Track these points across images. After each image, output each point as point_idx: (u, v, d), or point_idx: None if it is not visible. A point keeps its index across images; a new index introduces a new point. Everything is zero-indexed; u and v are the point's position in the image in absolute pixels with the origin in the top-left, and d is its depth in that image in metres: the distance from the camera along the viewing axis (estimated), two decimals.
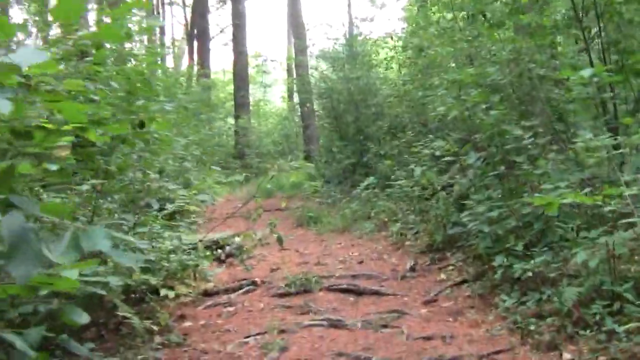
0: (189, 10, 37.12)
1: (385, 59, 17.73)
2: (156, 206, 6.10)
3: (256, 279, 8.06)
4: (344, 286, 7.40)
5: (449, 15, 11.84)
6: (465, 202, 8.54)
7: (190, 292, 7.34)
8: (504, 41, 8.35)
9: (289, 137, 30.80)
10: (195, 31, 33.96)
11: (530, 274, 5.70)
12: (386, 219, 10.97)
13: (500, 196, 6.67)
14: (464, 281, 7.02)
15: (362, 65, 16.11)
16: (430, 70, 12.08)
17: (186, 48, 39.14)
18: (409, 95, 13.14)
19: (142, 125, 5.70)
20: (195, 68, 32.20)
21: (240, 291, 7.75)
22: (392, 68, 17.33)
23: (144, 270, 6.93)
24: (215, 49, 56.11)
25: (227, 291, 7.80)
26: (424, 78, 13.00)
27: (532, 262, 5.67)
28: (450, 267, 7.62)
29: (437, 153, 7.61)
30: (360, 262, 8.83)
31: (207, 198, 8.15)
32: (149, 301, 6.86)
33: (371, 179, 12.66)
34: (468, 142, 7.58)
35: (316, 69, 19.69)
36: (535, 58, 7.74)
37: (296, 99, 28.31)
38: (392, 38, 16.86)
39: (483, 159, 7.18)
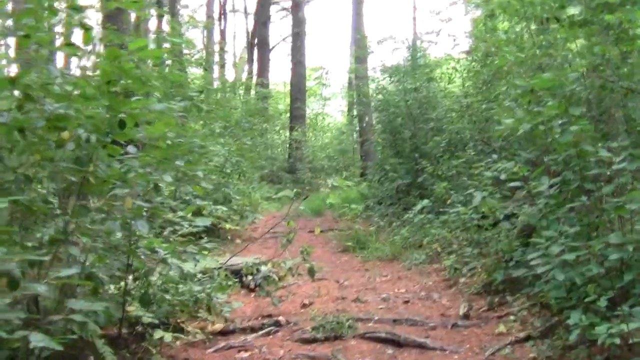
0: (251, 19, 36.39)
1: (447, 71, 16.41)
2: (145, 229, 4.91)
3: (280, 318, 6.83)
4: (383, 334, 6.10)
5: (518, 28, 10.51)
6: (531, 236, 7.28)
7: (197, 333, 6.15)
8: (583, 47, 6.99)
9: (346, 152, 29.59)
10: (256, 40, 33.22)
11: (617, 340, 4.35)
12: (439, 249, 9.65)
13: (577, 234, 5.32)
14: (528, 337, 5.64)
15: (422, 76, 14.77)
16: (496, 81, 10.74)
17: (246, 57, 38.36)
18: (471, 109, 11.80)
19: (122, 125, 4.58)
20: (255, 78, 31.41)
21: (261, 332, 6.54)
22: (454, 82, 16.00)
23: (143, 302, 5.83)
24: (278, 61, 55.61)
25: (244, 331, 6.62)
26: (489, 90, 11.68)
27: (621, 325, 4.33)
28: (512, 317, 6.22)
29: (502, 176, 6.24)
30: (406, 302, 7.52)
31: (206, 222, 6.81)
32: (149, 340, 5.75)
33: (425, 202, 11.36)
34: (539, 164, 6.23)
35: (374, 80, 18.43)
36: (620, 68, 6.38)
37: (355, 113, 27.06)
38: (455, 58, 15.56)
39: (557, 185, 5.84)
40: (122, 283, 5.62)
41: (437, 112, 13.65)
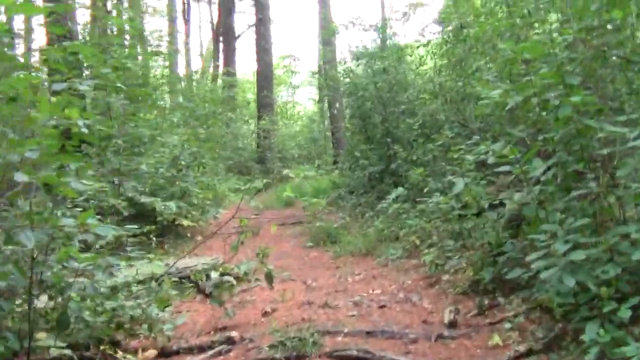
0: (216, 9, 35.10)
1: (417, 53, 15.50)
2: (30, 242, 3.88)
3: (234, 334, 5.80)
4: (354, 352, 5.07)
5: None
6: (520, 227, 6.42)
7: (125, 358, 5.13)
8: (573, 13, 6.07)
9: (317, 140, 28.64)
10: (221, 30, 32.07)
11: None
12: (418, 242, 8.73)
13: (584, 227, 4.41)
14: (530, 351, 4.66)
15: (391, 56, 13.79)
16: (471, 56, 9.82)
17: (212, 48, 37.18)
18: (445, 88, 10.87)
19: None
20: (221, 68, 30.33)
21: (210, 352, 5.50)
22: (425, 63, 15.07)
23: (60, 325, 4.82)
24: (246, 50, 54.33)
25: (190, 351, 5.59)
26: (463, 67, 10.76)
27: None
28: (507, 325, 5.26)
29: (490, 160, 5.28)
30: (382, 307, 6.53)
31: (107, 231, 5.74)
32: None
33: (400, 190, 10.43)
34: (530, 145, 5.31)
35: (342, 63, 17.46)
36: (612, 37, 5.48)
37: (324, 98, 26.09)
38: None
39: (552, 169, 4.92)
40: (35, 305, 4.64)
41: (409, 93, 12.70)
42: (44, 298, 4.78)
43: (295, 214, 15.46)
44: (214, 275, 7.00)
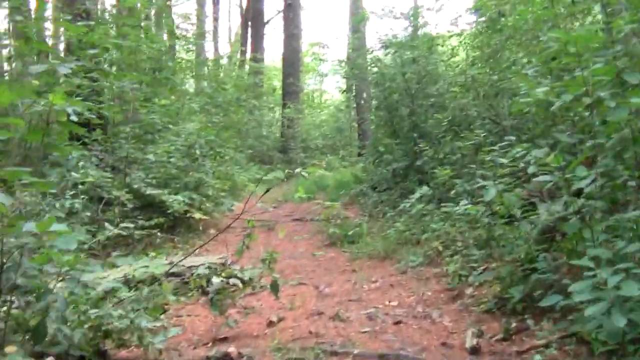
0: None
1: (449, 44, 14.76)
2: None
3: (231, 350, 5.19)
4: None
5: None
6: (554, 239, 5.77)
7: None
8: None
9: (342, 130, 27.94)
10: (250, 14, 31.42)
11: None
12: (440, 248, 8.06)
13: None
14: None
15: (422, 45, 13.05)
16: (508, 47, 9.13)
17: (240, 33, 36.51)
18: (477, 82, 10.17)
19: None
20: (248, 54, 29.77)
21: None
22: (457, 54, 14.33)
23: (36, 336, 4.25)
24: (275, 37, 53.62)
25: None
26: (498, 60, 10.06)
27: None
28: (537, 356, 4.61)
29: (531, 169, 4.58)
30: (397, 323, 5.89)
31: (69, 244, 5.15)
32: None
33: (425, 190, 9.77)
34: (576, 150, 4.64)
35: (371, 52, 16.77)
36: None
37: (351, 88, 25.37)
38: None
39: (599, 179, 4.25)
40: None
41: (439, 86, 11.98)
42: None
43: (315, 208, 14.86)
44: (216, 280, 6.34)
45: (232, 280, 6.76)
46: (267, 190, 6.64)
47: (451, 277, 6.84)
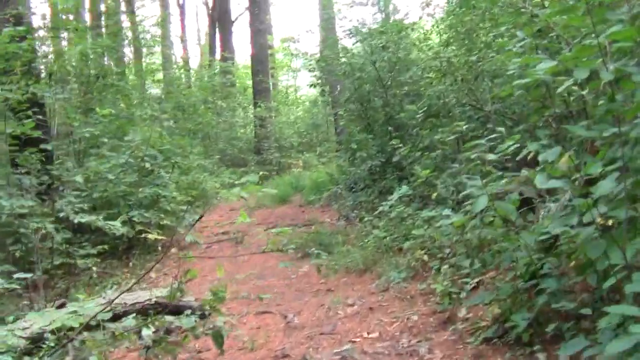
0: None
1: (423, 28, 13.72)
2: None
3: None
4: None
5: None
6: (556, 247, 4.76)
7: None
8: None
9: (318, 126, 26.78)
10: (217, 13, 30.26)
11: None
12: (426, 258, 7.00)
13: None
14: None
15: (392, 29, 11.92)
16: (486, 21, 8.10)
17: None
18: (454, 65, 9.10)
19: None
20: (218, 55, 28.67)
21: None
22: (430, 38, 13.28)
23: None
24: (245, 35, 52.25)
25: None
26: (474, 40, 9.04)
27: None
28: None
29: (541, 179, 3.50)
30: None
31: None
32: None
33: (404, 189, 8.68)
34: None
35: (339, 43, 15.71)
36: None
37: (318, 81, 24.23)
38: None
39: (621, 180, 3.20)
40: None
41: (412, 72, 10.88)
42: None
43: (290, 213, 13.78)
44: (146, 332, 5.18)
45: (182, 321, 5.65)
46: (200, 217, 5.40)
47: (440, 297, 5.76)
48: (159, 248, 9.89)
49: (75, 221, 7.50)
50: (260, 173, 19.49)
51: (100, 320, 4.96)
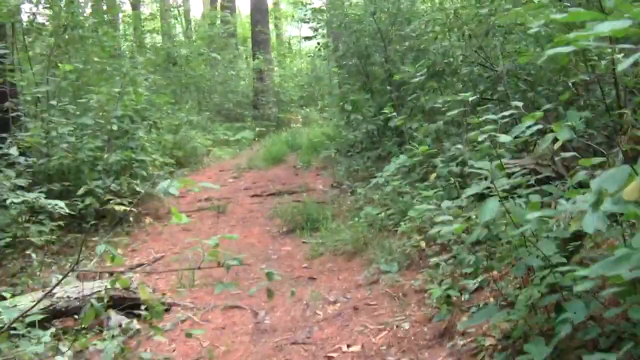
0: None
1: None
2: None
3: None
4: None
5: None
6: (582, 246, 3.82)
7: None
8: None
9: (321, 79, 25.49)
10: None
11: None
12: (423, 244, 6.01)
13: None
14: None
15: None
16: None
17: None
18: (462, 18, 7.98)
19: None
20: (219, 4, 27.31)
21: None
22: None
23: None
24: None
25: None
26: None
27: None
28: None
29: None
30: None
31: None
32: None
33: (402, 159, 7.64)
34: None
35: None
36: None
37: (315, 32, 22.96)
38: None
39: None
40: None
41: (414, 26, 9.72)
42: None
43: (282, 175, 12.76)
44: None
45: (125, 322, 4.70)
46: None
47: (436, 302, 4.77)
48: (131, 219, 8.90)
49: (8, 202, 6.47)
50: (257, 129, 18.39)
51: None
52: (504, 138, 3.69)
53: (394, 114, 7.99)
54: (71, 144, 8.34)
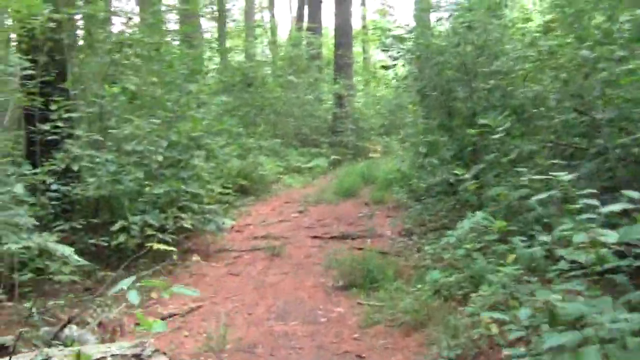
0: None
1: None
2: None
3: None
4: None
5: None
6: None
7: None
8: None
9: (403, 107, 24.45)
10: None
11: None
12: (496, 330, 4.95)
13: None
14: None
15: (479, 3, 9.57)
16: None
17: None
18: (556, 56, 6.91)
19: None
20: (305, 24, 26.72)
21: None
22: (531, 19, 10.97)
23: None
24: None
25: None
26: (587, 26, 6.86)
27: None
28: None
29: None
30: None
31: None
32: None
33: (479, 216, 6.56)
34: None
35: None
36: None
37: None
38: None
39: None
40: None
41: (501, 62, 8.60)
42: None
43: (351, 213, 11.82)
44: None
45: None
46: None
47: None
48: (174, 257, 8.09)
49: (5, 247, 5.67)
50: (332, 157, 17.45)
51: None
52: (609, 236, 2.67)
53: (466, 175, 7.00)
54: (111, 173, 7.60)
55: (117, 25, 11.76)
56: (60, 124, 7.71)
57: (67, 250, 5.92)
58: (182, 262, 8.41)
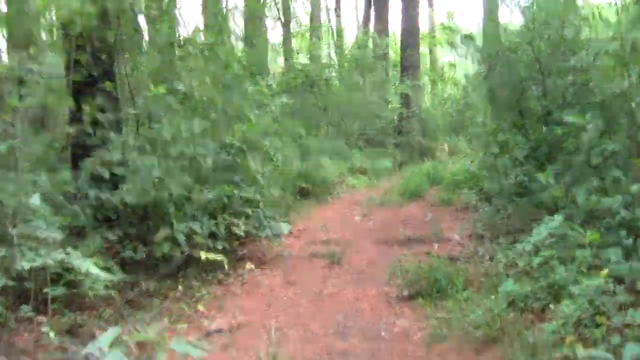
0: None
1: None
2: None
3: None
4: None
5: None
6: None
7: None
8: None
9: (471, 106, 23.89)
10: None
11: None
12: (581, 353, 4.46)
13: None
14: None
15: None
16: None
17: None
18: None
19: None
20: (372, 27, 26.41)
21: None
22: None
23: None
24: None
25: None
26: None
27: None
28: None
29: None
30: None
31: None
32: None
33: (557, 220, 6.09)
34: None
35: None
36: None
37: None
38: None
39: None
40: None
41: (579, 57, 8.02)
42: None
43: (417, 216, 11.38)
44: None
45: None
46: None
47: None
48: (225, 266, 7.71)
49: (19, 267, 5.28)
50: (398, 157, 16.98)
51: None
52: None
53: (552, 181, 6.50)
54: (155, 178, 7.24)
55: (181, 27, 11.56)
56: (103, 126, 7.45)
57: (93, 268, 5.54)
58: (235, 270, 8.02)
